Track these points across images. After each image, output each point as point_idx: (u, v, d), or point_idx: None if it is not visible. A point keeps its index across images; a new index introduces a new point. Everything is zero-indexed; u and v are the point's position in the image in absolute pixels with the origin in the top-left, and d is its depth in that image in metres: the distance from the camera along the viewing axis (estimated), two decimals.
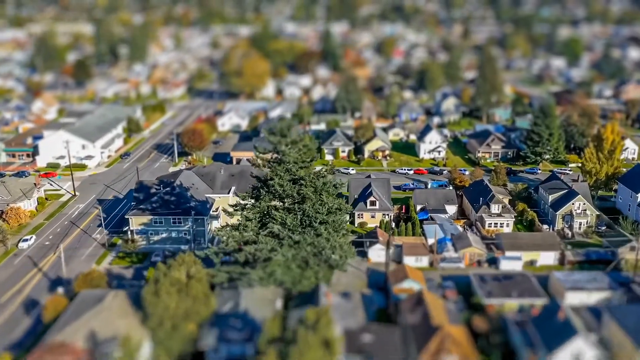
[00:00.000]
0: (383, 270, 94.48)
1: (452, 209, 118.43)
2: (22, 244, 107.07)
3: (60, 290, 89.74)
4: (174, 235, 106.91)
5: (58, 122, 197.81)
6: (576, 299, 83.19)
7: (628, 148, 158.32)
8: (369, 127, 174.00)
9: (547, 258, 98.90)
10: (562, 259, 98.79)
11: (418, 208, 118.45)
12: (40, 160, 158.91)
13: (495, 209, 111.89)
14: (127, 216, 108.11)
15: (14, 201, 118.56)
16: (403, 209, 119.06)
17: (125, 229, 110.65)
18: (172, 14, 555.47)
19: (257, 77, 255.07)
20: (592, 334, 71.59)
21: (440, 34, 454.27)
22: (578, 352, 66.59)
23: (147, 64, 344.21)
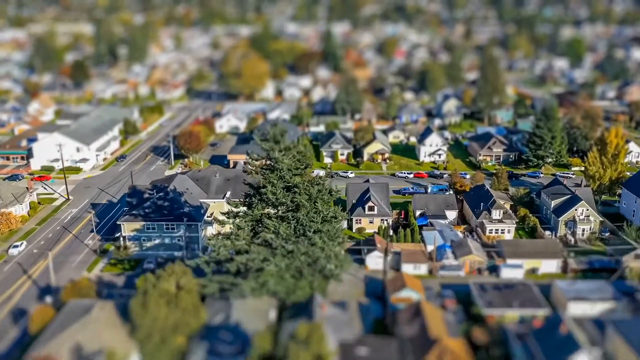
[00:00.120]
0: (381, 278, 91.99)
1: (452, 215, 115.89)
2: (12, 250, 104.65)
3: (48, 299, 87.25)
4: (167, 241, 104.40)
5: (54, 124, 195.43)
6: (579, 310, 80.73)
7: (632, 151, 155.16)
8: (368, 129, 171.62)
9: (549, 266, 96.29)
10: (565, 267, 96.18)
11: (417, 213, 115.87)
12: (35, 163, 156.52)
13: (496, 214, 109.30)
14: (119, 222, 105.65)
15: (5, 206, 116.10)
16: (402, 214, 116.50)
17: (117, 235, 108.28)
18: (174, 14, 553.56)
19: (256, 78, 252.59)
20: (595, 348, 69.01)
21: (442, 34, 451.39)
22: None
23: (146, 64, 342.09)
